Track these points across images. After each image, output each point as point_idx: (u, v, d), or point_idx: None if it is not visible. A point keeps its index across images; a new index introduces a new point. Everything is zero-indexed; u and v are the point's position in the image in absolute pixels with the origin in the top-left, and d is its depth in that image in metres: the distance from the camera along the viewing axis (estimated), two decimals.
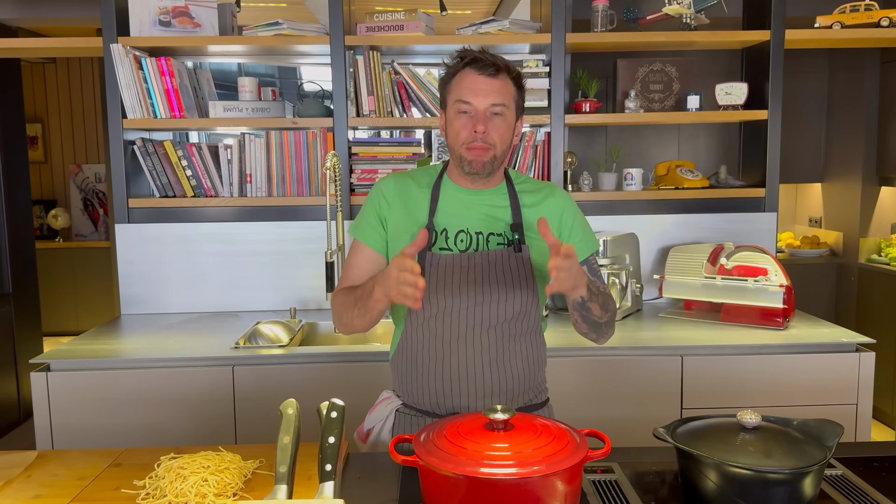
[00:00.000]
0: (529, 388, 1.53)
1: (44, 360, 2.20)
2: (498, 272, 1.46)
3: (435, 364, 1.48)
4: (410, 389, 1.52)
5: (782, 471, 1.09)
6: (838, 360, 2.28)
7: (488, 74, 1.41)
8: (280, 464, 0.97)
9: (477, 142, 1.42)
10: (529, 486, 1.05)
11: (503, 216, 1.50)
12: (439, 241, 1.49)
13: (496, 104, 1.41)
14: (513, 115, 1.46)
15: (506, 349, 1.48)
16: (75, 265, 5.98)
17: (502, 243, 1.48)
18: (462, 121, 1.43)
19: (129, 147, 2.75)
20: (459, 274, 1.46)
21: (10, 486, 1.30)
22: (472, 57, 1.42)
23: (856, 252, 4.18)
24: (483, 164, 1.44)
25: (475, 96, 1.41)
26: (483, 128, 1.41)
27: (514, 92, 1.45)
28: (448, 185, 1.52)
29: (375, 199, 1.54)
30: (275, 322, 2.56)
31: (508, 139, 1.47)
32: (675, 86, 2.94)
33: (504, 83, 1.43)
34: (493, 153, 1.44)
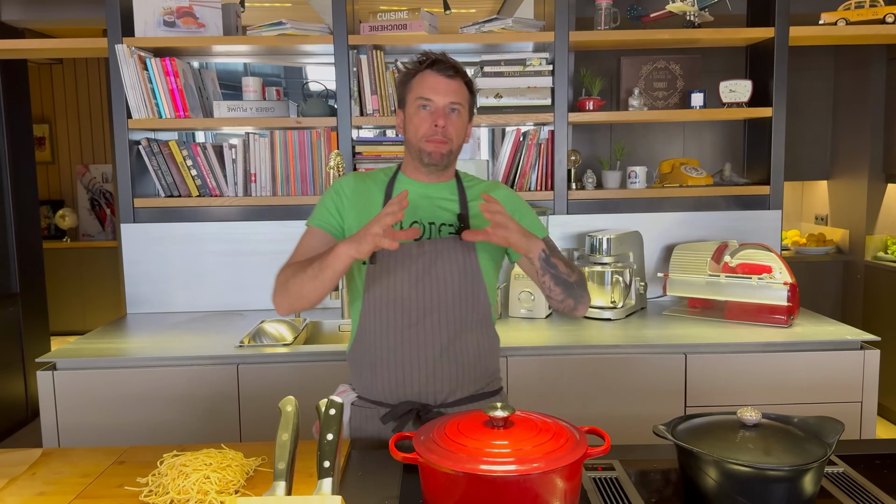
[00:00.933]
0: (480, 377, 1.59)
1: (50, 359, 2.22)
2: (444, 260, 1.55)
3: (388, 353, 1.54)
4: (365, 381, 1.58)
5: (782, 468, 1.09)
6: (843, 358, 2.27)
7: (447, 75, 1.53)
8: (279, 460, 0.98)
9: (437, 135, 1.53)
10: (529, 483, 1.06)
11: (453, 208, 1.61)
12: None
13: (454, 102, 1.54)
14: (466, 115, 1.59)
15: (456, 337, 1.54)
16: (82, 265, 6.02)
17: (453, 233, 1.58)
18: (422, 116, 1.54)
19: (134, 147, 2.76)
20: (411, 261, 1.54)
21: (15, 483, 1.31)
22: (434, 59, 1.54)
23: (862, 250, 4.16)
24: (441, 155, 1.55)
25: (436, 94, 1.52)
26: (443, 122, 1.52)
27: (467, 94, 1.58)
28: (402, 180, 1.63)
29: (333, 193, 1.63)
30: (279, 321, 2.57)
31: (462, 135, 1.59)
32: (679, 83, 2.93)
33: (460, 85, 1.55)
34: (450, 147, 1.55)
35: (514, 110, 2.76)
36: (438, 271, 1.54)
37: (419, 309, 1.53)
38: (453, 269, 1.54)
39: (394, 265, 1.54)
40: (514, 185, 2.83)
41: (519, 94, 2.75)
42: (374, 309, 1.55)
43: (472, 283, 1.56)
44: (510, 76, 2.75)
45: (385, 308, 1.54)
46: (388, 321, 1.54)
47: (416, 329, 1.53)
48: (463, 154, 3.72)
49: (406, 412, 1.51)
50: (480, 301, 1.58)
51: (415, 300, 1.53)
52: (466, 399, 1.56)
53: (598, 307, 2.59)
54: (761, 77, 2.85)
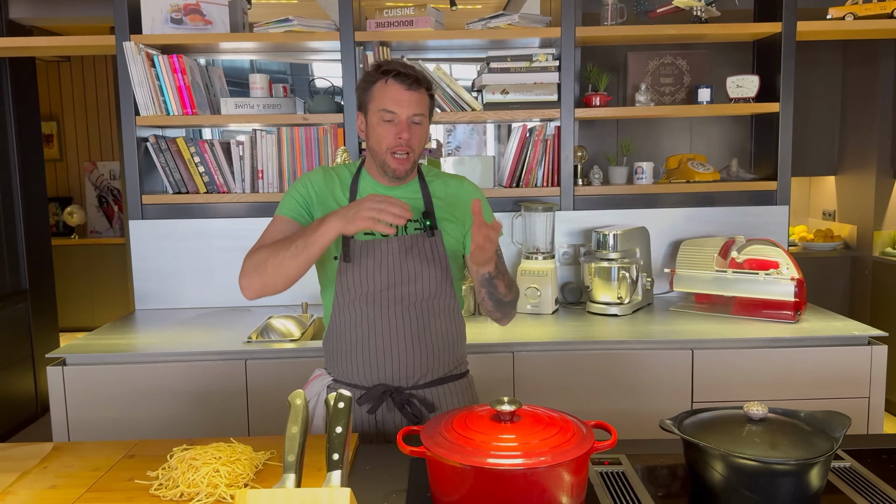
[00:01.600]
0: (449, 361, 1.66)
1: (60, 355, 2.24)
2: (414, 255, 1.60)
3: (361, 341, 1.60)
4: (340, 366, 1.65)
5: (788, 462, 1.10)
6: (850, 354, 2.27)
7: (408, 86, 1.55)
8: (288, 453, 0.99)
9: (402, 145, 1.56)
10: (536, 477, 1.06)
11: (417, 205, 1.64)
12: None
13: (417, 114, 1.57)
14: (428, 123, 1.64)
15: (425, 325, 1.61)
16: (91, 261, 6.05)
17: (419, 229, 1.62)
18: (386, 128, 1.57)
19: (142, 144, 2.78)
20: (380, 257, 1.59)
21: (27, 476, 1.33)
22: (397, 70, 1.56)
23: (870, 245, 4.15)
24: (405, 171, 1.60)
25: (399, 107, 1.55)
26: (407, 135, 1.56)
27: (428, 102, 1.61)
28: (366, 178, 1.66)
29: (301, 186, 1.66)
30: (286, 317, 2.58)
31: (424, 143, 1.64)
32: (685, 79, 2.93)
33: (421, 95, 1.58)
34: (413, 158, 1.60)
35: (521, 106, 2.76)
36: (409, 266, 1.59)
37: (391, 300, 1.59)
38: (423, 263, 1.60)
39: (365, 260, 1.59)
40: (520, 182, 2.84)
41: (525, 90, 2.75)
42: (346, 300, 1.60)
43: (441, 276, 1.62)
44: (516, 72, 2.75)
45: (357, 300, 1.59)
46: (361, 312, 1.60)
47: (388, 319, 1.59)
48: (469, 150, 3.73)
49: (381, 394, 1.59)
50: (448, 292, 1.64)
51: (386, 292, 1.58)
52: (436, 381, 1.64)
53: (604, 303, 2.59)
54: (768, 72, 2.84)
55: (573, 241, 2.87)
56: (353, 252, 1.59)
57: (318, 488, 0.97)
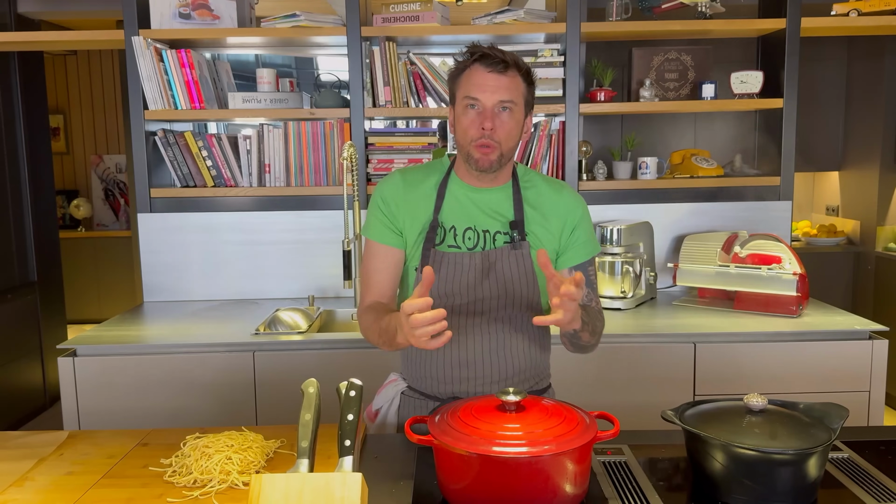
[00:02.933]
0: (532, 376, 1.57)
1: (71, 346, 2.27)
2: (500, 270, 1.48)
3: (439, 352, 1.51)
4: (415, 374, 1.57)
5: (787, 452, 1.12)
6: (851, 348, 2.29)
7: (497, 71, 1.41)
8: (302, 439, 1.02)
9: (484, 138, 1.42)
10: (540, 465, 1.09)
11: (508, 213, 1.51)
12: (448, 237, 1.51)
13: (504, 101, 1.42)
14: (521, 112, 1.46)
15: (509, 339, 1.52)
16: (97, 254, 6.09)
17: (507, 240, 1.50)
18: (470, 117, 1.43)
19: (150, 138, 2.80)
20: (464, 272, 1.48)
21: (44, 463, 1.36)
22: (482, 53, 1.42)
23: (873, 241, 4.16)
24: (490, 162, 1.45)
25: (483, 92, 1.41)
26: (490, 124, 1.41)
27: (523, 88, 1.45)
28: (455, 182, 1.54)
29: (381, 203, 1.55)
30: (294, 309, 2.61)
31: (516, 136, 1.47)
32: (690, 74, 2.94)
33: (513, 79, 1.42)
34: (499, 151, 1.44)
35: None
36: (492, 281, 1.48)
37: (471, 313, 1.49)
38: (507, 278, 1.48)
39: (445, 273, 1.49)
40: None
41: None
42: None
43: (527, 291, 1.50)
44: None
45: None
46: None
47: (467, 332, 1.50)
48: None
49: None
50: (534, 307, 1.52)
51: (466, 307, 1.49)
52: None
53: (608, 297, 2.61)
54: (773, 68, 2.85)
55: None
56: (435, 263, 1.48)
57: (331, 473, 1.00)
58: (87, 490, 1.25)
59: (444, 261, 1.49)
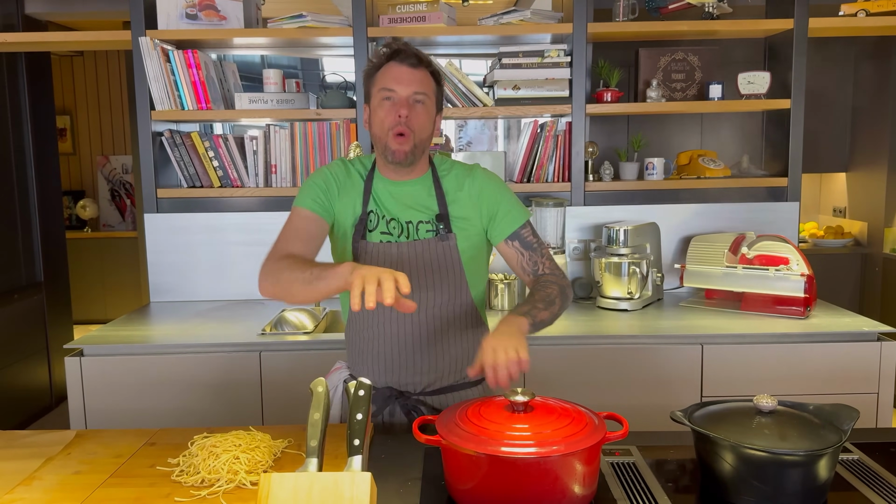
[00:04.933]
0: (463, 368, 1.60)
1: (77, 346, 2.27)
2: (426, 260, 1.53)
3: (374, 344, 1.57)
4: (355, 364, 1.64)
5: (797, 453, 1.11)
6: (860, 349, 2.28)
7: (410, 65, 1.49)
8: (311, 438, 1.02)
9: (400, 125, 1.48)
10: (549, 466, 1.09)
11: (429, 204, 1.57)
12: (380, 225, 1.56)
13: (418, 92, 1.50)
14: (433, 107, 1.54)
15: (437, 333, 1.56)
16: (103, 255, 6.11)
17: (431, 230, 1.55)
18: (386, 108, 1.50)
19: (157, 138, 2.81)
20: (389, 262, 1.53)
21: (52, 462, 1.36)
22: (395, 49, 1.51)
23: (880, 242, 4.14)
24: (405, 154, 1.51)
25: (398, 84, 1.49)
26: (406, 112, 1.48)
27: (433, 85, 1.54)
28: (378, 177, 1.60)
29: (322, 177, 1.60)
30: (300, 309, 2.61)
31: (429, 129, 1.54)
32: (697, 75, 2.93)
33: (424, 75, 1.51)
34: (412, 142, 1.50)
35: (532, 102, 2.78)
36: (420, 271, 1.53)
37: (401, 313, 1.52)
38: (435, 269, 1.53)
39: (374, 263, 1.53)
40: (531, 177, 2.85)
41: (536, 86, 2.77)
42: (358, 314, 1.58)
43: (454, 282, 1.55)
44: (528, 68, 2.76)
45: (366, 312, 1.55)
46: (374, 316, 1.56)
47: (398, 325, 1.55)
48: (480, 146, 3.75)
49: (386, 398, 1.57)
50: (464, 298, 1.57)
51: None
52: (447, 388, 1.60)
53: (614, 298, 2.61)
54: (780, 69, 2.84)
55: (584, 237, 2.89)
56: (362, 254, 1.55)
57: (340, 472, 1.00)
58: (94, 489, 1.25)
59: (372, 251, 1.55)
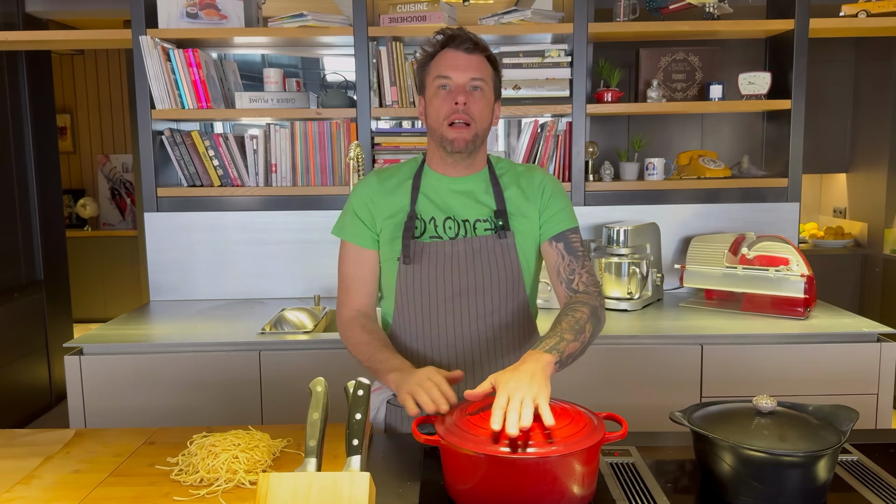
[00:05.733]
0: None
1: (77, 345, 2.27)
2: (483, 259, 1.47)
3: (426, 355, 1.49)
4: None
5: (797, 454, 1.11)
6: (859, 350, 2.28)
7: (465, 50, 1.43)
8: (310, 438, 1.02)
9: (458, 112, 1.41)
10: (548, 466, 1.08)
11: (487, 202, 1.50)
12: (428, 229, 1.49)
13: (475, 78, 1.43)
14: (491, 94, 1.47)
15: (495, 339, 1.50)
16: (103, 253, 6.11)
17: (490, 228, 1.49)
18: (442, 96, 1.43)
19: (157, 137, 2.81)
20: (447, 259, 1.47)
21: (51, 461, 1.36)
22: (450, 35, 1.44)
23: (880, 243, 4.14)
24: (465, 142, 1.44)
25: (454, 70, 1.42)
26: (464, 99, 1.41)
27: (490, 71, 1.46)
28: (429, 174, 1.53)
29: (359, 198, 1.54)
30: (299, 309, 2.61)
31: (488, 117, 1.47)
32: (697, 75, 2.93)
33: (481, 60, 1.44)
34: (474, 130, 1.44)
35: (533, 102, 2.78)
36: (477, 271, 1.46)
37: (456, 311, 1.47)
38: (493, 269, 1.47)
39: (427, 265, 1.47)
40: None
41: (537, 86, 2.77)
42: (408, 308, 1.50)
43: (511, 284, 1.49)
44: (528, 67, 2.76)
45: (420, 309, 1.49)
46: (424, 323, 1.49)
47: (454, 333, 1.47)
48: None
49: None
50: (520, 302, 1.51)
51: (451, 302, 1.47)
52: None
53: (615, 298, 2.61)
54: (781, 69, 2.84)
55: (584, 237, 2.88)
56: (415, 254, 1.46)
57: (339, 472, 1.00)
58: (93, 488, 1.25)
59: (425, 251, 1.47)
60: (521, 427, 1.06)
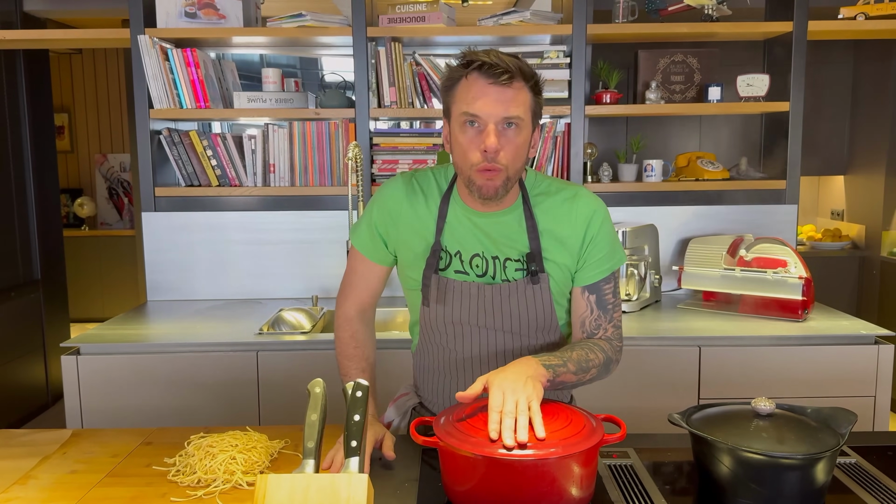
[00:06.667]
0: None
1: (74, 344, 2.27)
2: (513, 303, 1.35)
3: (450, 383, 1.45)
4: (427, 395, 1.53)
5: (795, 456, 1.11)
6: (857, 353, 2.28)
7: (501, 83, 1.20)
8: (308, 440, 1.01)
9: (486, 162, 1.23)
10: (546, 468, 1.08)
11: (520, 239, 1.35)
12: (454, 263, 1.37)
13: (510, 117, 1.22)
14: (528, 128, 1.27)
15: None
16: (101, 253, 6.10)
17: (521, 269, 1.35)
18: (469, 136, 1.24)
19: (155, 137, 2.80)
20: (472, 301, 1.36)
21: (47, 461, 1.36)
22: (480, 61, 1.21)
23: (878, 245, 4.15)
24: (496, 189, 1.26)
25: (484, 107, 1.21)
26: (494, 145, 1.21)
27: (530, 101, 1.25)
28: (457, 203, 1.37)
29: (381, 213, 1.42)
30: (297, 309, 2.61)
31: (524, 155, 1.27)
32: (696, 77, 2.93)
33: (518, 91, 1.22)
34: (505, 175, 1.25)
35: None
36: (506, 314, 1.35)
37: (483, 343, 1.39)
38: (522, 311, 1.35)
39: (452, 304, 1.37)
40: None
41: None
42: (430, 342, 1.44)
43: (544, 324, 1.38)
44: None
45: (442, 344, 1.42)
46: (446, 354, 1.43)
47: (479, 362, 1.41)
48: None
49: None
50: (552, 338, 1.41)
51: (475, 340, 1.39)
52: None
53: None
54: (779, 71, 2.85)
55: None
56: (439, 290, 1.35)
57: (337, 474, 1.00)
58: (90, 489, 1.24)
59: (450, 288, 1.35)
60: (519, 441, 1.06)
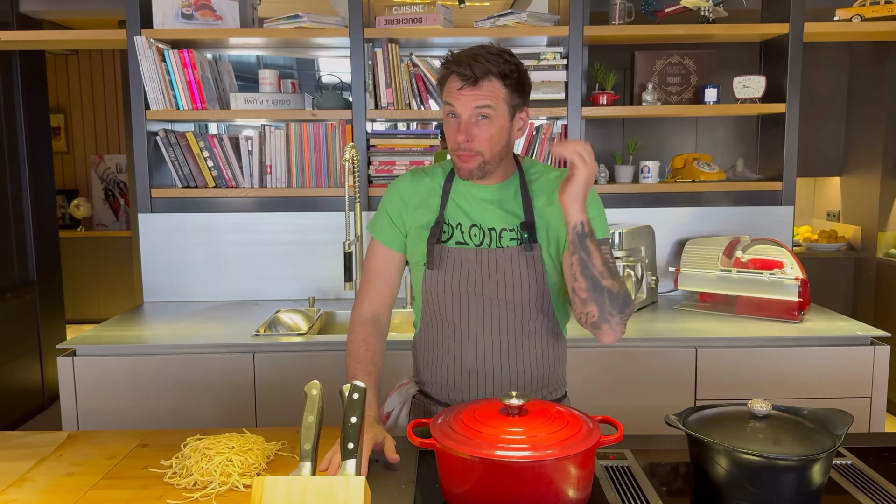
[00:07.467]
0: (544, 385, 1.54)
1: (70, 346, 2.26)
2: (508, 270, 1.45)
3: (449, 358, 1.51)
4: (426, 379, 1.57)
5: (791, 457, 1.12)
6: (853, 354, 2.28)
7: (469, 84, 1.37)
8: (305, 442, 1.01)
9: (461, 150, 1.40)
10: (543, 469, 1.09)
11: (515, 211, 1.48)
12: (455, 234, 1.49)
13: (480, 107, 1.37)
14: (504, 115, 1.40)
15: (519, 346, 1.49)
16: (97, 254, 6.09)
17: (515, 239, 1.46)
18: (451, 126, 1.42)
19: (151, 138, 2.80)
20: (471, 268, 1.46)
21: (43, 463, 1.36)
22: (453, 59, 1.39)
23: (874, 246, 4.16)
24: (469, 171, 1.42)
25: (457, 102, 1.38)
26: (464, 137, 1.39)
27: (502, 92, 1.39)
28: (458, 180, 1.51)
29: (392, 199, 1.55)
30: (294, 311, 2.61)
31: (501, 140, 1.42)
32: (692, 78, 2.94)
33: (490, 89, 1.37)
34: (480, 159, 1.41)
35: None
36: (501, 281, 1.45)
37: (479, 318, 1.47)
38: (517, 279, 1.45)
39: (451, 271, 1.47)
40: None
41: (533, 89, 2.76)
42: (433, 311, 1.51)
43: (537, 294, 1.47)
44: None
45: (445, 312, 1.49)
46: (451, 326, 1.50)
47: (477, 336, 1.48)
48: None
49: None
50: (545, 310, 1.50)
51: (475, 308, 1.47)
52: None
53: None
54: (775, 73, 2.85)
55: None
56: (439, 259, 1.47)
57: (335, 476, 0.99)
58: (86, 491, 1.24)
59: (449, 256, 1.47)
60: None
